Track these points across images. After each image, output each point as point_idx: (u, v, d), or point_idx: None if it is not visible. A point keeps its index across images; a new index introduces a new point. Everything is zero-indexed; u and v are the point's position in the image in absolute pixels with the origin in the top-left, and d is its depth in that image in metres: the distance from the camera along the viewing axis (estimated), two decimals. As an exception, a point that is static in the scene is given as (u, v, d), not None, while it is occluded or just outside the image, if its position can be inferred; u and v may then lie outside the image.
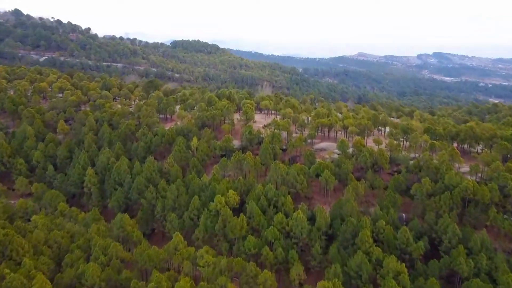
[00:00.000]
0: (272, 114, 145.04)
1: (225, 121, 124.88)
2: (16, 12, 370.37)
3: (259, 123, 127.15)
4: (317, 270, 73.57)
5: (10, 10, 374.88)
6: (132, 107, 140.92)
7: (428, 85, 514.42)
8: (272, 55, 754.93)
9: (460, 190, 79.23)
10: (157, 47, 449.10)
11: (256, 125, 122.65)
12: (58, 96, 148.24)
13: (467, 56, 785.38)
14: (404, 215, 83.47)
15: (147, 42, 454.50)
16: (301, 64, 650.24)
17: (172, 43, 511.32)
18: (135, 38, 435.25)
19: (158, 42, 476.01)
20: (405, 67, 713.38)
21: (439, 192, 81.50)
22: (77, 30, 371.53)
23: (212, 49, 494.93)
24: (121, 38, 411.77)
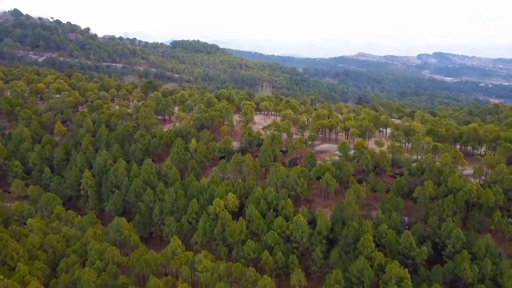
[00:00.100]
0: (272, 115, 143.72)
1: (225, 123, 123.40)
2: (15, 12, 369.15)
3: (259, 125, 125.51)
4: (318, 275, 72.28)
5: (9, 10, 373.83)
6: (130, 108, 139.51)
7: (428, 85, 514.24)
8: (272, 55, 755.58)
9: (464, 193, 78.14)
10: (157, 47, 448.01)
11: (255, 127, 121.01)
12: (56, 97, 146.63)
13: (467, 56, 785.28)
14: (407, 218, 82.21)
15: (146, 42, 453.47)
16: (301, 64, 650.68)
17: (171, 43, 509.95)
18: (135, 38, 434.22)
19: (157, 42, 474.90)
20: (405, 67, 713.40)
21: (442, 195, 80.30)
22: (76, 30, 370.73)
23: (212, 49, 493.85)
24: (120, 38, 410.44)
